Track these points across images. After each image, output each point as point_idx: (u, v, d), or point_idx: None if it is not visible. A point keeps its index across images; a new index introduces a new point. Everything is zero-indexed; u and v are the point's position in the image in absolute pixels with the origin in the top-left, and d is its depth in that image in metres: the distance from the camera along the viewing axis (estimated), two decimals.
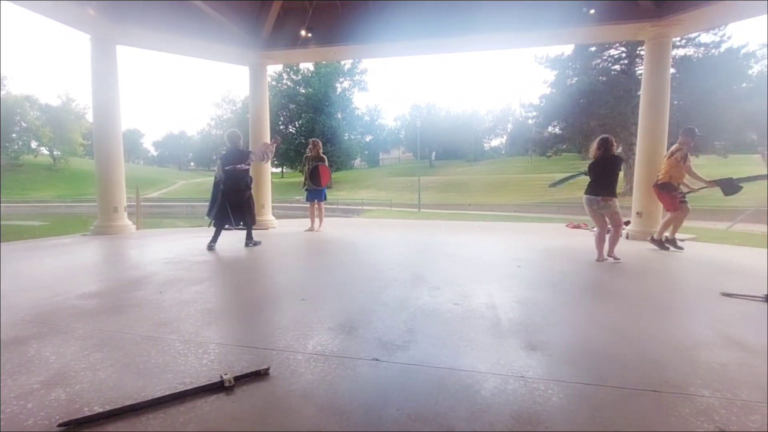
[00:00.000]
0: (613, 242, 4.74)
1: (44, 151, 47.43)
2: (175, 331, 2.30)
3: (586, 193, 4.76)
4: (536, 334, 2.32)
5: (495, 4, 6.71)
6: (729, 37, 21.26)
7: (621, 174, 5.40)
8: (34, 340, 2.17)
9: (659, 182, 5.50)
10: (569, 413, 1.51)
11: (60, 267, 4.26)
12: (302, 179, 7.32)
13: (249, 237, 5.67)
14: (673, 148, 5.50)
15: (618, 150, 7.00)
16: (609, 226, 4.69)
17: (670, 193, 5.37)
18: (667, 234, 5.50)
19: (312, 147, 7.42)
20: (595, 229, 8.71)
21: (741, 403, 1.59)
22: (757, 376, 1.83)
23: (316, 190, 7.22)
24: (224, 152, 5.51)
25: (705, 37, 21.43)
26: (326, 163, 7.30)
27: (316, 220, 7.47)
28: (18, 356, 1.97)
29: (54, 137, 44.77)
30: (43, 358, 1.95)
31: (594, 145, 4.80)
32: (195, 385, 1.64)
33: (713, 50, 21.55)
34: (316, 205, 7.41)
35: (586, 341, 2.25)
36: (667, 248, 5.41)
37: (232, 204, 5.38)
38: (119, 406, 1.49)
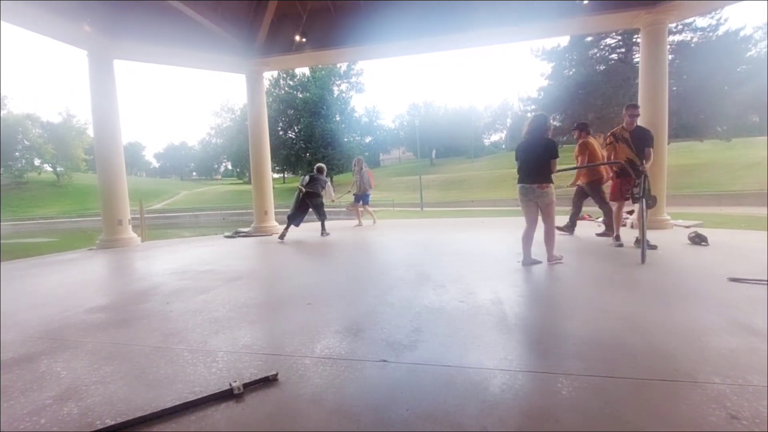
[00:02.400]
0: (549, 242, 4.06)
1: (47, 167, 47.78)
2: (183, 341, 2.31)
3: (518, 182, 4.08)
4: (543, 328, 2.31)
5: (489, 0, 6.70)
6: (726, 20, 21.14)
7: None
8: (45, 356, 2.18)
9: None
10: (579, 406, 1.51)
11: (67, 282, 4.29)
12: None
13: (323, 228, 7.45)
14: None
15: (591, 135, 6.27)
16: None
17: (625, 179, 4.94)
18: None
19: (356, 164, 8.96)
20: (599, 219, 8.64)
21: (752, 389, 1.58)
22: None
23: (361, 195, 8.86)
24: (311, 174, 7.50)
25: (701, 22, 21.33)
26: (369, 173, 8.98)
27: (364, 216, 9.17)
28: (29, 373, 1.99)
29: (56, 154, 45.07)
30: (54, 373, 1.97)
31: (525, 123, 4.10)
32: (205, 394, 1.65)
33: (710, 34, 21.42)
34: (362, 207, 8.94)
35: (594, 333, 2.24)
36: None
37: (314, 206, 7.30)
38: (131, 418, 1.50)
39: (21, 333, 2.59)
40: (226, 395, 1.65)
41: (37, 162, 46.50)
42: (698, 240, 4.94)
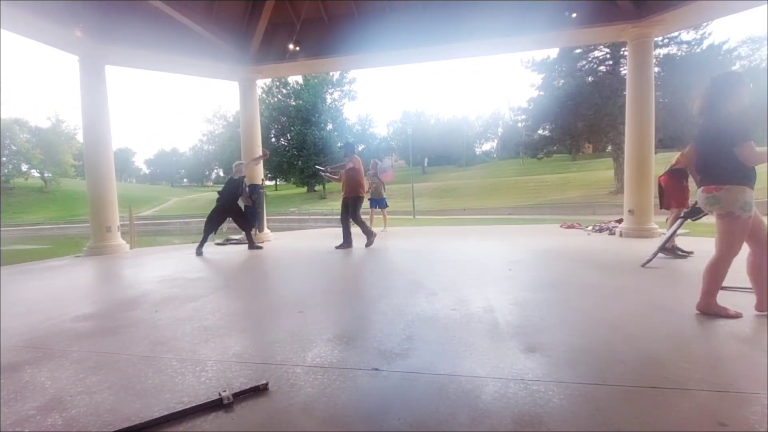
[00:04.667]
0: (712, 277, 2.57)
1: (35, 173, 47.04)
2: (171, 350, 2.28)
3: None
4: (535, 335, 2.32)
5: (479, 12, 6.83)
6: (710, 34, 21.74)
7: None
8: (29, 366, 2.13)
9: (672, 167, 4.56)
10: (570, 414, 1.51)
11: (53, 290, 4.20)
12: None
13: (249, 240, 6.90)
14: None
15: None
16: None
17: (681, 181, 4.51)
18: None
19: (372, 166, 9.01)
20: (588, 228, 8.60)
21: (741, 396, 1.60)
22: (755, 367, 1.85)
23: (376, 199, 8.85)
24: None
25: (686, 36, 21.90)
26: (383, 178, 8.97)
27: (377, 220, 9.21)
28: (12, 383, 1.93)
29: (44, 159, 44.45)
30: (38, 383, 1.92)
31: (697, 98, 2.65)
32: (193, 404, 1.62)
33: (695, 48, 22.00)
34: (379, 211, 9.08)
35: (585, 341, 2.26)
36: (685, 255, 4.57)
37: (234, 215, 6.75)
38: (117, 429, 1.47)
39: (4, 342, 2.53)
40: (216, 405, 1.62)
41: (24, 167, 45.76)
42: (676, 253, 4.63)
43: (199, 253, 6.23)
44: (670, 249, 4.64)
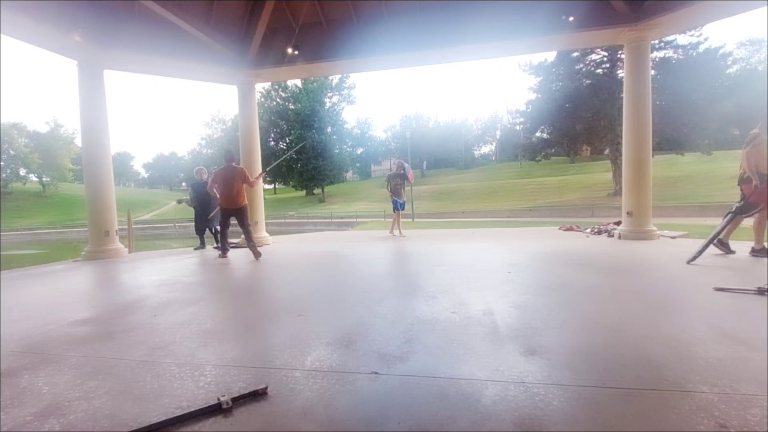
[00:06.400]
0: None
1: (33, 178, 46.96)
2: (170, 355, 2.27)
3: None
4: (534, 338, 2.32)
5: (477, 15, 6.87)
6: (706, 39, 21.88)
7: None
8: (26, 371, 2.12)
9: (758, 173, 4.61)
10: (570, 416, 1.51)
11: (51, 294, 4.19)
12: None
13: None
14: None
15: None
16: None
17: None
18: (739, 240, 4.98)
19: (398, 166, 8.71)
20: (587, 230, 8.61)
21: (740, 397, 1.60)
22: (755, 369, 1.84)
23: (400, 201, 8.60)
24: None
25: (682, 39, 22.02)
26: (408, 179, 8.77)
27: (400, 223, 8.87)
28: (9, 388, 1.92)
29: (43, 163, 44.38)
30: (35, 388, 1.91)
31: None
32: (192, 409, 1.62)
33: (691, 51, 22.12)
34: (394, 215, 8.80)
35: (584, 343, 2.26)
36: (733, 252, 4.92)
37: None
38: None
39: (3, 347, 2.51)
40: (214, 410, 1.62)
41: (22, 172, 45.68)
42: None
43: (197, 247, 7.53)
44: (721, 243, 4.97)
